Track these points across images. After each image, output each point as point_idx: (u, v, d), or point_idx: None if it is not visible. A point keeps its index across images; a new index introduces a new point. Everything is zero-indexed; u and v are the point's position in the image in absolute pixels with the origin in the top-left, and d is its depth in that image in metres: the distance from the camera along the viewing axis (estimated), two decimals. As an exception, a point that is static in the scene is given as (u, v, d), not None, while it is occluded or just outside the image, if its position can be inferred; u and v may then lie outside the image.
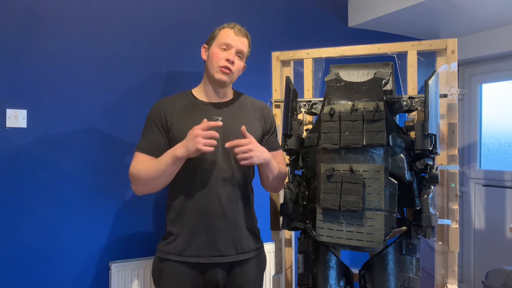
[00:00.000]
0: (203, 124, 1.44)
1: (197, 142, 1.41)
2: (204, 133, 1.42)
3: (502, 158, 3.27)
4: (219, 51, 1.61)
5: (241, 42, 1.63)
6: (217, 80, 1.61)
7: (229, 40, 1.61)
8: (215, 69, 1.60)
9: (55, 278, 1.95)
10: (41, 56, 1.93)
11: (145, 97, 2.11)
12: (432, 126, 1.55)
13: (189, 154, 1.45)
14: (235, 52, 1.61)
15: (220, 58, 1.60)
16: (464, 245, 3.37)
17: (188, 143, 1.44)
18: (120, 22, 2.11)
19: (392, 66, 1.80)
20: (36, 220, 1.92)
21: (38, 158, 1.92)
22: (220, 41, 1.61)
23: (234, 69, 1.61)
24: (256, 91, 1.98)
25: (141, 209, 2.15)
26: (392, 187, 1.55)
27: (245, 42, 1.65)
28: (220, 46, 1.61)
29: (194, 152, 1.44)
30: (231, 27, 1.64)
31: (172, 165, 1.49)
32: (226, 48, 1.61)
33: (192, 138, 1.43)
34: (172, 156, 1.47)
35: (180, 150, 1.46)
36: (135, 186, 1.60)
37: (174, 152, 1.47)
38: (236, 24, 1.65)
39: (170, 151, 1.50)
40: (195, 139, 1.42)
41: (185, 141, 1.45)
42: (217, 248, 1.56)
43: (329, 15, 2.81)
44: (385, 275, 1.61)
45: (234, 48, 1.61)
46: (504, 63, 3.17)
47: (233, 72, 1.61)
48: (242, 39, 1.63)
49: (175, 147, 1.49)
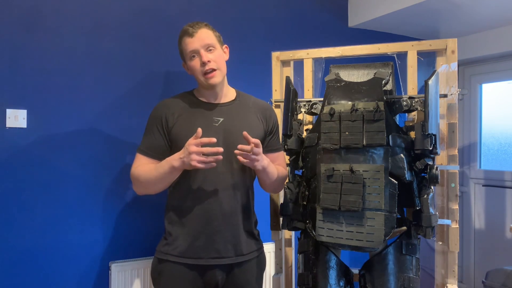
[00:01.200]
0: (197, 140, 1.42)
1: (191, 159, 1.41)
2: (198, 150, 1.41)
3: (502, 158, 3.27)
4: (192, 63, 1.58)
5: (201, 38, 1.57)
6: (209, 85, 1.60)
7: (190, 47, 1.57)
8: (202, 79, 1.59)
9: (55, 278, 1.95)
10: (41, 56, 1.93)
11: (145, 97, 2.11)
12: (432, 126, 1.55)
13: (185, 167, 1.46)
14: (204, 50, 1.57)
15: (197, 67, 1.57)
16: (464, 245, 3.36)
17: (184, 157, 1.44)
18: (120, 22, 2.11)
19: (392, 66, 1.80)
20: (36, 220, 1.91)
21: (38, 158, 1.92)
22: (186, 53, 1.59)
23: (215, 64, 1.57)
24: (256, 91, 1.98)
25: (141, 209, 2.15)
26: (392, 187, 1.55)
27: (204, 34, 1.58)
28: (189, 57, 1.58)
29: (189, 167, 1.44)
30: (184, 32, 1.59)
31: (170, 174, 1.51)
32: (195, 55, 1.58)
33: (187, 154, 1.42)
34: (170, 166, 1.48)
35: (177, 162, 1.46)
36: (135, 187, 1.63)
37: (172, 163, 1.48)
38: (188, 25, 1.59)
39: (169, 160, 1.50)
40: (189, 156, 1.41)
41: (182, 154, 1.45)
42: (216, 249, 1.55)
43: (329, 15, 2.81)
44: (385, 275, 1.61)
45: (200, 49, 1.56)
46: (504, 63, 3.17)
47: (217, 67, 1.58)
48: (199, 34, 1.56)
49: (173, 157, 1.49)
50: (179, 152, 1.47)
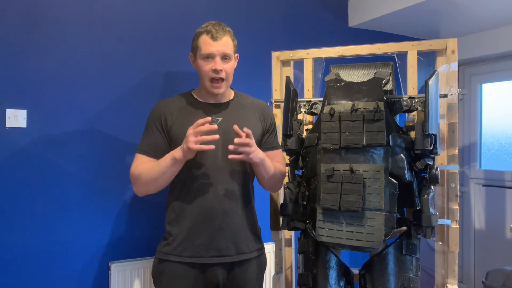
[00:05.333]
0: (195, 125, 1.43)
1: (188, 141, 1.42)
2: (194, 131, 1.41)
3: (502, 158, 3.27)
4: (204, 64, 1.56)
5: (223, 45, 1.55)
6: (212, 93, 1.60)
7: (209, 49, 1.54)
8: (207, 83, 1.58)
9: (55, 278, 1.95)
10: (41, 56, 1.93)
11: (145, 97, 2.11)
12: (432, 126, 1.55)
13: (186, 155, 1.46)
14: (220, 58, 1.55)
15: (207, 70, 1.56)
16: (464, 245, 3.36)
17: (183, 145, 1.45)
18: (120, 22, 2.11)
19: (392, 66, 1.80)
20: (36, 220, 1.91)
21: (38, 158, 1.92)
22: (202, 52, 1.56)
23: (225, 75, 1.57)
24: (256, 91, 1.98)
25: (141, 209, 2.15)
26: (392, 187, 1.55)
27: (227, 42, 1.56)
28: (203, 58, 1.56)
29: (188, 151, 1.44)
30: (207, 32, 1.55)
31: (171, 167, 1.51)
32: (209, 58, 1.55)
33: (185, 139, 1.43)
34: (172, 158, 1.49)
35: (178, 152, 1.47)
36: (136, 187, 1.62)
37: (173, 154, 1.49)
38: (213, 25, 1.56)
39: (171, 153, 1.51)
40: (186, 139, 1.42)
41: (182, 144, 1.46)
42: (217, 248, 1.56)
43: (329, 15, 2.81)
44: (385, 275, 1.61)
45: (217, 56, 1.55)
46: (504, 63, 3.17)
47: (225, 78, 1.58)
48: (222, 41, 1.54)
49: (175, 150, 1.50)
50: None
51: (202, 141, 1.43)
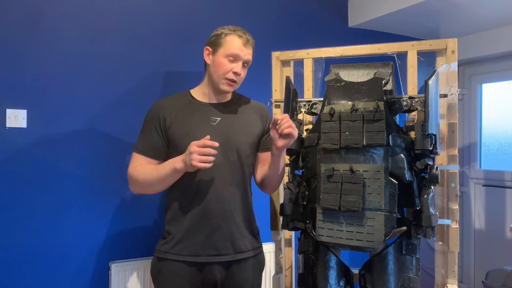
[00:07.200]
0: (200, 141, 1.42)
1: (192, 159, 1.41)
2: (200, 150, 1.40)
3: (502, 158, 3.27)
4: (226, 62, 1.57)
5: (249, 53, 1.61)
6: (221, 90, 1.61)
7: (236, 51, 1.56)
8: (221, 80, 1.58)
9: (55, 278, 1.95)
10: (41, 56, 1.93)
11: (145, 97, 2.11)
12: (432, 126, 1.55)
13: (187, 169, 1.46)
14: (242, 63, 1.59)
15: (227, 70, 1.57)
16: (464, 245, 3.36)
17: (185, 158, 1.44)
18: (120, 22, 2.11)
19: (392, 66, 1.80)
20: (36, 220, 1.92)
21: (38, 158, 1.92)
22: (228, 51, 1.57)
23: (239, 80, 1.61)
24: (256, 91, 1.98)
25: (141, 209, 2.15)
26: (392, 187, 1.55)
27: (251, 51, 1.62)
28: (227, 56, 1.57)
29: (190, 167, 1.44)
30: (239, 36, 1.58)
31: (171, 176, 1.51)
32: (233, 59, 1.57)
33: (188, 154, 1.42)
34: (172, 168, 1.49)
35: (180, 163, 1.47)
36: (132, 187, 1.63)
37: (174, 164, 1.48)
38: (244, 32, 1.61)
39: (171, 161, 1.50)
40: (190, 155, 1.41)
41: (184, 156, 1.45)
42: (214, 247, 1.56)
43: (329, 15, 2.81)
44: (385, 275, 1.61)
45: (241, 61, 1.58)
46: (504, 63, 3.17)
47: (238, 83, 1.61)
48: (249, 49, 1.61)
49: (176, 159, 1.49)
50: (182, 154, 1.48)
51: (206, 161, 1.42)
